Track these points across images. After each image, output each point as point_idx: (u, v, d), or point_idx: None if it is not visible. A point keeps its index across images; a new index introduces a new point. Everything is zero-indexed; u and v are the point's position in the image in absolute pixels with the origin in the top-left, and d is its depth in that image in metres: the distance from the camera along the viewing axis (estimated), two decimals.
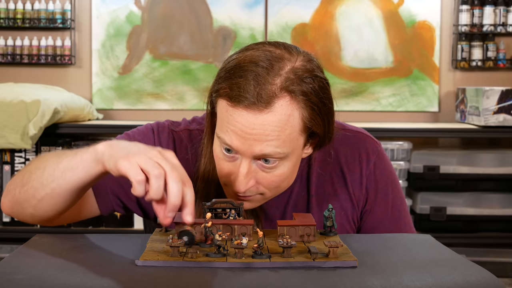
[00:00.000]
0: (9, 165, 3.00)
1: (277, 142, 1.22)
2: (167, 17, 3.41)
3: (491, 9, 3.33)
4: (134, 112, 3.43)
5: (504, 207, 3.08)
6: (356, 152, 1.43)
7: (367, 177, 1.43)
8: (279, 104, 1.21)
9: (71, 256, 1.12)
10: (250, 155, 1.24)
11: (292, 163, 1.28)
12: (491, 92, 2.99)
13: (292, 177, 1.32)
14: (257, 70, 1.21)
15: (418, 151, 3.09)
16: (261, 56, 1.23)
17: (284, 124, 1.22)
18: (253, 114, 1.21)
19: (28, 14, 3.34)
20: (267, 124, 1.21)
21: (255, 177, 1.26)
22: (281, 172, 1.27)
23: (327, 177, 1.42)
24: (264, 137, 1.21)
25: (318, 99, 1.24)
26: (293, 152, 1.26)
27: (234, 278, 0.99)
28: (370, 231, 1.45)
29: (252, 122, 1.21)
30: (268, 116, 1.21)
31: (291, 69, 1.23)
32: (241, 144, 1.23)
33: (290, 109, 1.22)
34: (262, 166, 1.26)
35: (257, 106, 1.20)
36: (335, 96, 1.35)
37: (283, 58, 1.24)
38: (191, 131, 1.43)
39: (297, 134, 1.25)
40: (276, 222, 1.36)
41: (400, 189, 1.49)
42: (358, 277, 1.00)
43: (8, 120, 2.80)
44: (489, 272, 1.02)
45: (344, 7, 3.40)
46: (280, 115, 1.21)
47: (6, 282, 0.96)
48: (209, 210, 1.20)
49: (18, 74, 3.41)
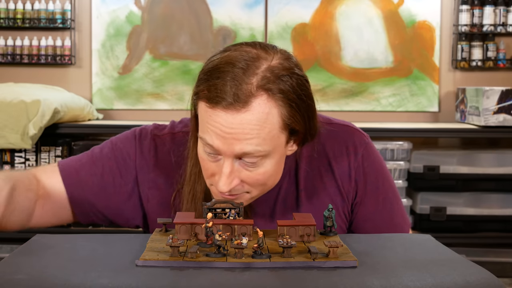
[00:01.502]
0: (9, 165, 3.00)
1: (257, 140, 1.23)
2: (167, 17, 3.41)
3: (491, 9, 3.33)
4: (134, 112, 3.43)
5: (504, 207, 3.08)
6: (343, 145, 1.44)
7: (356, 169, 1.43)
8: (256, 103, 1.22)
9: (71, 256, 1.12)
10: (231, 155, 1.25)
11: (275, 160, 1.28)
12: (491, 92, 2.99)
13: (278, 175, 1.33)
14: (233, 70, 1.23)
15: (418, 151, 3.09)
16: (238, 56, 1.25)
17: (263, 123, 1.23)
18: (231, 114, 1.22)
19: (28, 14, 3.34)
20: (245, 123, 1.22)
21: (239, 176, 1.27)
22: (265, 170, 1.28)
23: (315, 171, 1.43)
24: (243, 135, 1.23)
25: (296, 96, 1.25)
26: (275, 149, 1.27)
27: (234, 278, 0.99)
28: (362, 224, 1.46)
29: (230, 122, 1.22)
30: (246, 115, 1.22)
31: (268, 68, 1.24)
32: (222, 144, 1.24)
33: (268, 107, 1.23)
34: (244, 164, 1.27)
35: (234, 106, 1.21)
36: (335, 96, 1.36)
37: (260, 57, 1.25)
38: (175, 134, 1.45)
39: (277, 132, 1.25)
40: (267, 219, 1.37)
41: (391, 181, 1.49)
42: (358, 277, 1.00)
43: (8, 120, 2.80)
44: (489, 272, 1.02)
45: (344, 7, 3.40)
46: (258, 113, 1.22)
47: (6, 282, 0.96)
48: (209, 210, 1.20)
49: (18, 74, 3.41)
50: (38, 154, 3.00)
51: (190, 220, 1.18)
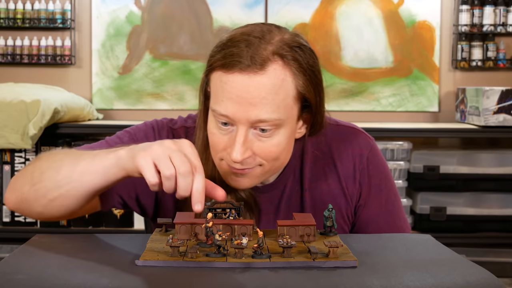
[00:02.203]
0: (9, 165, 3.00)
1: (271, 107, 1.24)
2: (167, 17, 3.41)
3: (491, 9, 3.33)
4: (134, 112, 3.43)
5: (504, 207, 3.08)
6: (349, 147, 1.44)
7: (360, 172, 1.44)
8: (272, 67, 1.24)
9: (71, 256, 1.12)
10: (246, 122, 1.25)
11: (288, 132, 1.29)
12: (491, 92, 2.99)
13: (289, 150, 1.33)
14: (248, 39, 1.26)
15: (418, 151, 3.09)
16: (252, 28, 1.28)
17: (278, 88, 1.24)
18: (248, 76, 1.23)
19: (28, 14, 3.34)
20: (261, 86, 1.23)
21: (251, 148, 1.27)
22: (278, 141, 1.28)
23: (320, 172, 1.43)
24: (259, 100, 1.23)
25: (309, 67, 1.28)
26: (288, 120, 1.28)
27: (234, 278, 0.99)
28: (364, 226, 1.46)
29: (247, 85, 1.23)
30: (262, 78, 1.23)
31: (281, 39, 1.27)
32: (237, 111, 1.24)
33: (284, 74, 1.25)
34: (258, 135, 1.27)
35: (251, 68, 1.23)
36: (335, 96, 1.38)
37: (273, 31, 1.29)
38: (188, 128, 1.45)
39: (290, 101, 1.27)
40: (271, 217, 1.37)
41: (393, 184, 1.50)
42: (358, 277, 1.00)
43: (8, 120, 2.80)
44: (489, 272, 1.02)
45: (344, 7, 3.40)
46: (274, 78, 1.24)
47: (6, 282, 0.96)
48: (209, 210, 1.20)
49: (18, 74, 3.41)
50: (38, 154, 2.99)
51: (190, 220, 1.18)
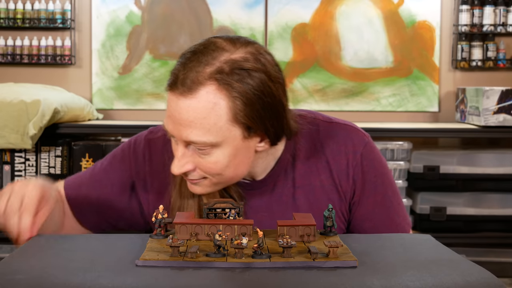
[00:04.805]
0: (9, 165, 3.00)
1: (201, 130, 1.25)
2: (167, 17, 3.41)
3: (491, 9, 3.33)
4: (134, 112, 3.42)
5: (504, 207, 3.08)
6: (342, 144, 1.44)
7: (354, 168, 1.43)
8: (205, 91, 1.24)
9: (71, 256, 1.12)
10: (181, 140, 1.28)
11: (227, 152, 1.28)
12: (491, 92, 2.99)
13: (237, 167, 1.32)
14: (191, 57, 1.26)
15: (418, 151, 3.09)
16: (201, 46, 1.29)
17: (209, 113, 1.24)
18: (178, 98, 1.25)
19: (28, 14, 3.34)
20: (191, 110, 1.24)
21: (193, 161, 1.30)
22: (216, 159, 1.29)
23: (313, 169, 1.43)
24: (188, 123, 1.25)
25: (251, 93, 1.25)
26: (226, 141, 1.27)
27: (234, 278, 0.99)
28: (360, 223, 1.46)
29: (178, 107, 1.25)
30: (191, 102, 1.24)
31: (227, 60, 1.25)
32: (173, 129, 1.28)
33: (216, 98, 1.24)
34: (195, 151, 1.29)
35: (182, 91, 1.24)
36: (335, 96, 1.37)
37: (223, 49, 1.27)
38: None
39: (225, 124, 1.25)
40: (264, 215, 1.38)
41: (392, 180, 1.49)
42: (358, 277, 1.00)
43: (8, 120, 2.80)
44: (489, 272, 1.02)
45: (344, 7, 3.40)
46: (205, 102, 1.24)
47: (6, 282, 0.96)
48: (209, 210, 1.20)
49: (18, 74, 3.41)
50: (38, 154, 3.00)
51: (190, 220, 1.18)
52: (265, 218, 1.39)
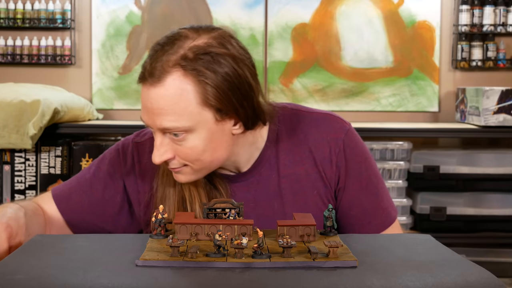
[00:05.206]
0: (9, 165, 3.00)
1: (172, 116, 1.28)
2: (167, 17, 3.41)
3: (491, 9, 3.33)
4: (134, 112, 3.42)
5: (504, 207, 3.08)
6: (324, 133, 1.46)
7: (337, 155, 1.45)
8: (171, 78, 1.27)
9: (71, 256, 1.12)
10: (156, 128, 1.31)
11: (203, 135, 1.31)
12: (491, 92, 2.98)
13: (214, 151, 1.34)
14: (157, 49, 1.30)
15: (418, 151, 3.09)
16: (167, 38, 1.32)
17: (178, 99, 1.27)
18: (148, 89, 1.29)
19: (28, 14, 3.34)
20: (160, 98, 1.28)
21: (172, 149, 1.33)
22: (192, 145, 1.31)
23: (296, 159, 1.45)
24: (159, 110, 1.28)
25: (217, 75, 1.28)
26: (199, 125, 1.30)
27: (234, 278, 0.99)
28: (347, 209, 1.47)
29: (149, 96, 1.29)
30: (160, 90, 1.28)
31: (191, 47, 1.28)
32: (148, 119, 1.32)
33: (183, 84, 1.27)
34: (172, 138, 1.31)
35: (150, 81, 1.29)
36: (335, 96, 1.38)
37: (187, 37, 1.30)
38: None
39: (196, 108, 1.28)
40: (250, 205, 1.40)
41: (375, 167, 1.51)
42: (358, 277, 1.00)
43: (8, 120, 2.80)
44: (489, 272, 1.02)
45: (344, 7, 3.40)
46: (172, 89, 1.27)
47: (6, 282, 0.96)
48: (209, 210, 1.20)
49: (18, 74, 3.41)
50: (38, 154, 3.00)
51: (190, 220, 1.18)
52: (252, 209, 1.40)
